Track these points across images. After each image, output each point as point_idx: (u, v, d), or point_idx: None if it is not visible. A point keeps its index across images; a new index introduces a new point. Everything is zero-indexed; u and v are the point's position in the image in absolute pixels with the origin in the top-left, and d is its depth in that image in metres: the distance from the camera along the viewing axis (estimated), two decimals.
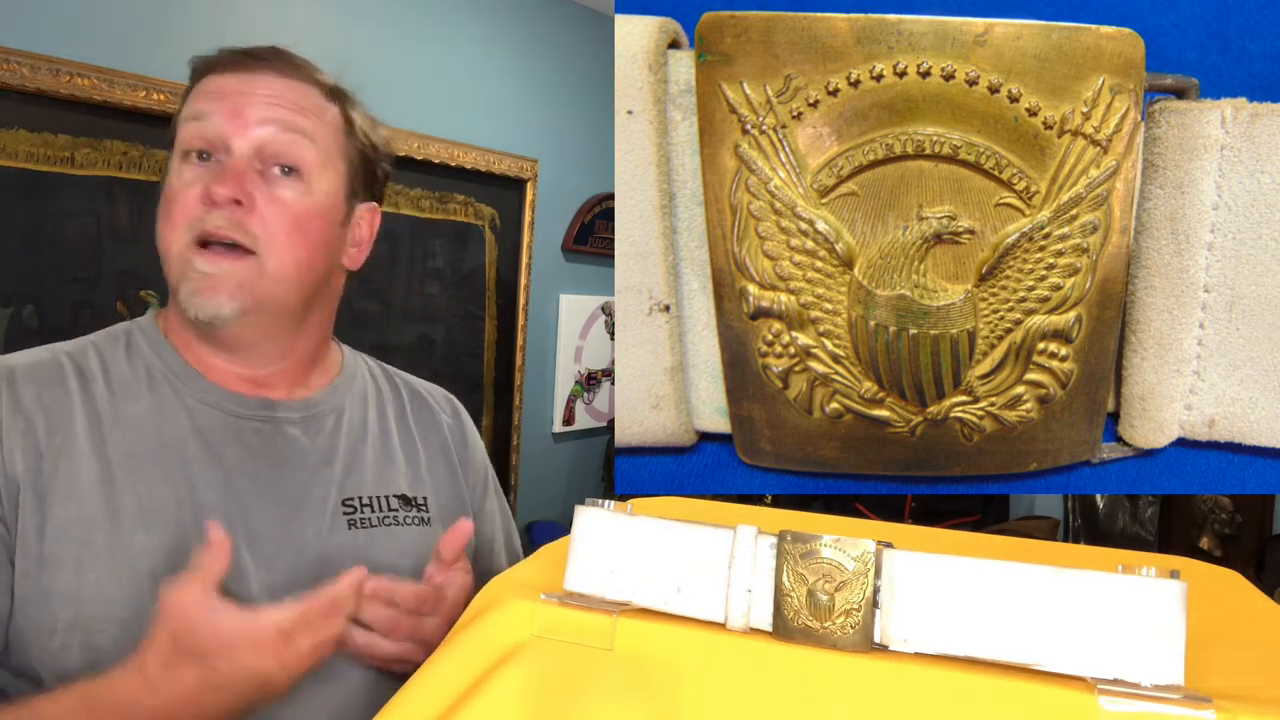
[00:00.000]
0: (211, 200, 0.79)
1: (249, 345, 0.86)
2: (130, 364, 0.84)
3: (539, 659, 0.55)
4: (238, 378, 0.87)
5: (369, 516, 0.88)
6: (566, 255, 2.88)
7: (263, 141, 0.81)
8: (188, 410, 0.83)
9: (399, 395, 1.00)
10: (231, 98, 0.82)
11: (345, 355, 0.98)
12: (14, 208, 1.66)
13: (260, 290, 0.82)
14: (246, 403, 0.86)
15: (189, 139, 0.82)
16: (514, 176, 2.64)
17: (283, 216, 0.82)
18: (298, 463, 0.86)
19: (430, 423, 1.00)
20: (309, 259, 0.85)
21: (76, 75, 1.69)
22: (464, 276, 2.56)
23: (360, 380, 0.97)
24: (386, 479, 0.91)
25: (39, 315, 1.70)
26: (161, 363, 0.85)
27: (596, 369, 3.00)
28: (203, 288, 0.80)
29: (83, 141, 1.73)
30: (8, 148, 1.64)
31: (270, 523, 0.83)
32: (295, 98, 0.84)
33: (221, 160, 0.81)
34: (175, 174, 0.82)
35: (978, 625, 0.48)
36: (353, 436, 0.92)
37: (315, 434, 0.89)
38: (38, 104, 1.66)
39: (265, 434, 0.86)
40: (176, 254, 0.81)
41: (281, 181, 0.83)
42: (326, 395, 0.92)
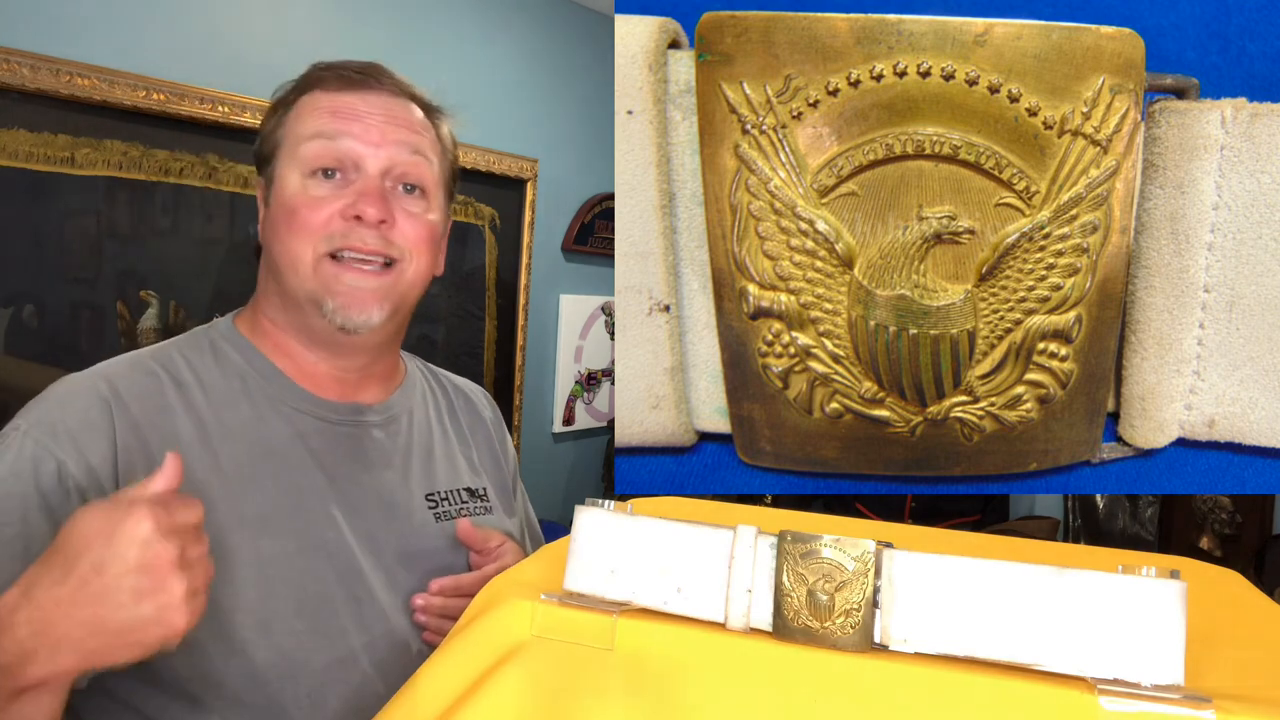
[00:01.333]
0: (359, 219, 0.82)
1: (367, 347, 0.89)
2: (222, 372, 0.86)
3: (539, 659, 0.55)
4: (331, 381, 0.90)
5: (449, 509, 0.93)
6: (566, 255, 2.88)
7: (392, 161, 0.85)
8: (286, 417, 0.86)
9: (448, 394, 1.05)
10: (359, 118, 0.85)
11: (406, 361, 1.02)
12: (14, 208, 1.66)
13: (400, 295, 0.87)
14: (338, 408, 0.89)
15: (317, 156, 0.84)
16: (514, 176, 2.64)
17: (419, 229, 0.87)
18: (385, 463, 0.91)
19: (476, 418, 1.05)
20: (434, 265, 0.92)
21: (76, 75, 1.69)
22: (464, 276, 2.56)
23: (419, 382, 1.02)
24: (454, 473, 0.97)
25: (39, 315, 1.70)
26: (254, 370, 0.87)
27: (596, 369, 3.00)
28: (353, 301, 0.83)
29: (83, 141, 1.73)
30: (8, 148, 1.64)
31: (376, 523, 0.87)
32: (411, 118, 0.89)
33: (351, 178, 0.84)
34: (298, 189, 0.84)
35: (978, 625, 0.48)
36: (422, 435, 0.96)
37: (395, 435, 0.93)
38: (38, 104, 1.66)
39: (356, 438, 0.89)
40: (310, 265, 0.83)
41: (408, 199, 0.87)
42: (399, 397, 0.96)
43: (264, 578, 0.78)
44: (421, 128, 0.90)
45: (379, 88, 0.87)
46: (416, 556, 0.88)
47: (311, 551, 0.82)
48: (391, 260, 0.85)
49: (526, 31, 2.67)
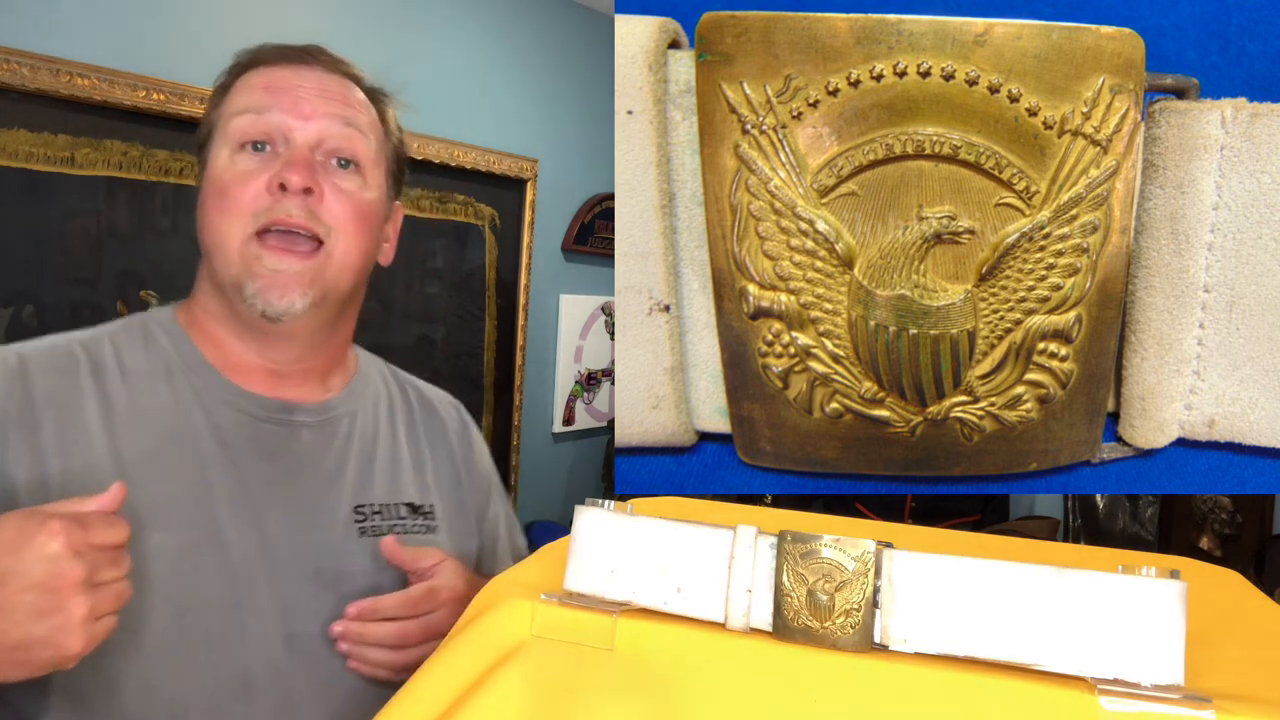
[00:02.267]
0: (283, 188, 0.79)
1: (296, 337, 0.85)
2: (148, 357, 0.83)
3: (539, 659, 0.55)
4: (261, 374, 0.86)
5: (379, 524, 0.87)
6: (566, 255, 2.88)
7: (323, 134, 0.82)
8: (205, 408, 0.82)
9: (409, 402, 1.00)
10: (289, 90, 0.82)
11: (360, 358, 0.98)
12: (14, 208, 1.66)
13: (328, 280, 0.82)
14: (265, 404, 0.85)
15: (245, 130, 0.81)
16: (514, 176, 2.64)
17: (348, 206, 0.83)
18: (312, 468, 0.85)
19: (438, 431, 1.00)
20: (368, 250, 0.87)
21: (76, 75, 1.69)
22: (464, 276, 2.56)
23: (374, 385, 0.97)
24: (396, 486, 0.91)
25: (39, 315, 1.70)
26: (180, 358, 0.84)
27: (596, 369, 3.00)
28: (273, 284, 0.79)
29: (83, 141, 1.73)
30: (8, 148, 1.64)
31: (286, 529, 0.81)
32: (346, 93, 0.86)
33: (280, 151, 0.81)
34: (226, 165, 0.81)
35: (978, 625, 0.48)
36: (365, 442, 0.91)
37: (329, 439, 0.88)
38: (38, 104, 1.66)
39: (281, 437, 0.85)
40: (236, 248, 0.79)
41: (341, 173, 0.83)
42: (342, 399, 0.91)
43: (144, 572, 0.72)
44: (359, 105, 0.86)
45: (315, 64, 0.85)
46: (329, 573, 0.82)
47: (203, 551, 0.76)
48: (318, 240, 0.81)
49: (526, 31, 2.67)
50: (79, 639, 0.60)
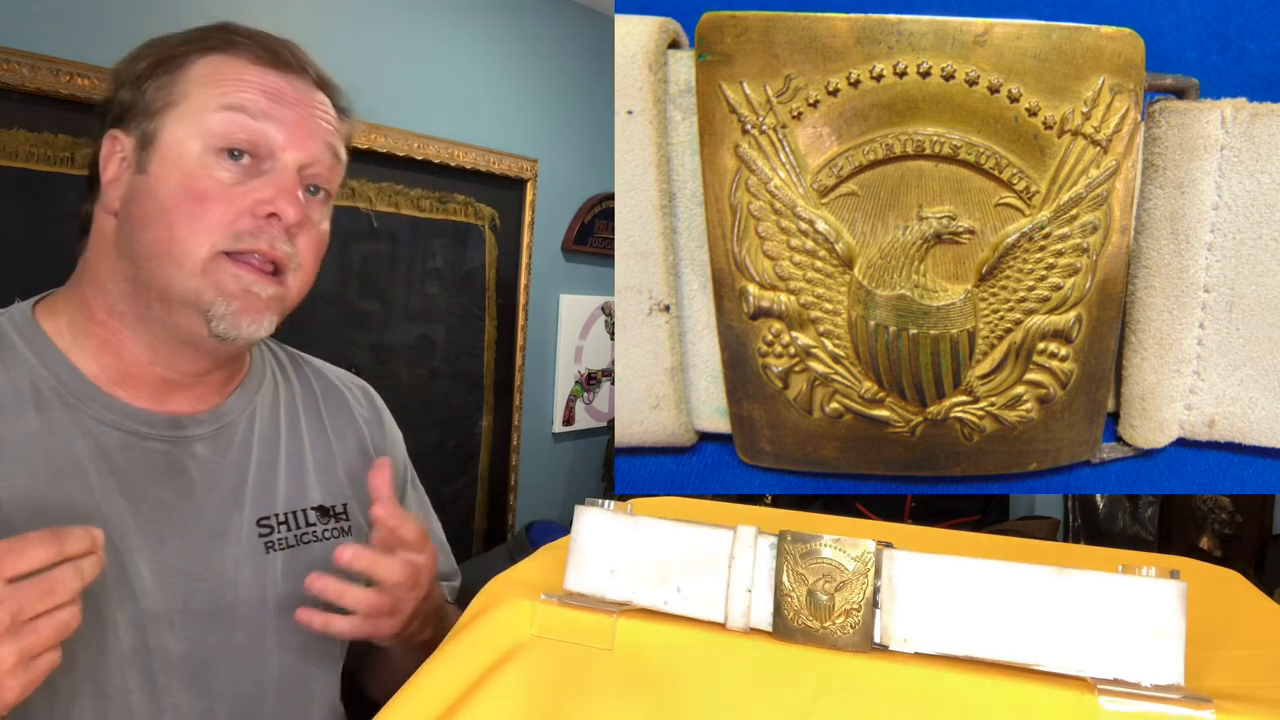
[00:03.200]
0: (272, 217, 0.72)
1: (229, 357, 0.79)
2: (8, 376, 0.72)
3: (539, 659, 0.55)
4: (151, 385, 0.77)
5: (285, 535, 0.81)
6: (566, 255, 2.88)
7: (314, 160, 0.76)
8: (84, 430, 0.73)
9: (310, 389, 0.91)
10: (292, 105, 0.75)
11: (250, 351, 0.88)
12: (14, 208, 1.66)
13: (285, 310, 0.77)
14: (152, 420, 0.76)
15: (231, 132, 0.72)
16: (514, 176, 2.64)
17: (314, 240, 0.78)
18: (210, 485, 0.78)
19: (345, 418, 0.91)
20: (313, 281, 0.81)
21: (76, 75, 1.69)
22: (464, 276, 2.56)
23: (268, 378, 0.88)
24: (300, 491, 0.84)
25: None
26: (49, 374, 0.73)
27: (596, 369, 3.00)
28: (248, 308, 0.73)
29: (83, 141, 1.72)
30: (8, 148, 1.64)
31: (185, 556, 0.75)
32: (331, 115, 0.79)
33: (263, 167, 0.74)
34: (197, 165, 0.72)
35: (978, 625, 0.48)
36: (264, 446, 0.83)
37: (225, 449, 0.80)
38: (38, 104, 1.66)
39: (173, 456, 0.76)
40: (202, 260, 0.71)
41: (312, 202, 0.77)
42: (235, 401, 0.82)
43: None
44: (338, 127, 0.80)
45: (303, 75, 0.77)
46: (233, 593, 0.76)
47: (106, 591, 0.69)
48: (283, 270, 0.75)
49: (527, 31, 2.67)
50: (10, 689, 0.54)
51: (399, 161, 2.30)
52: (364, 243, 2.29)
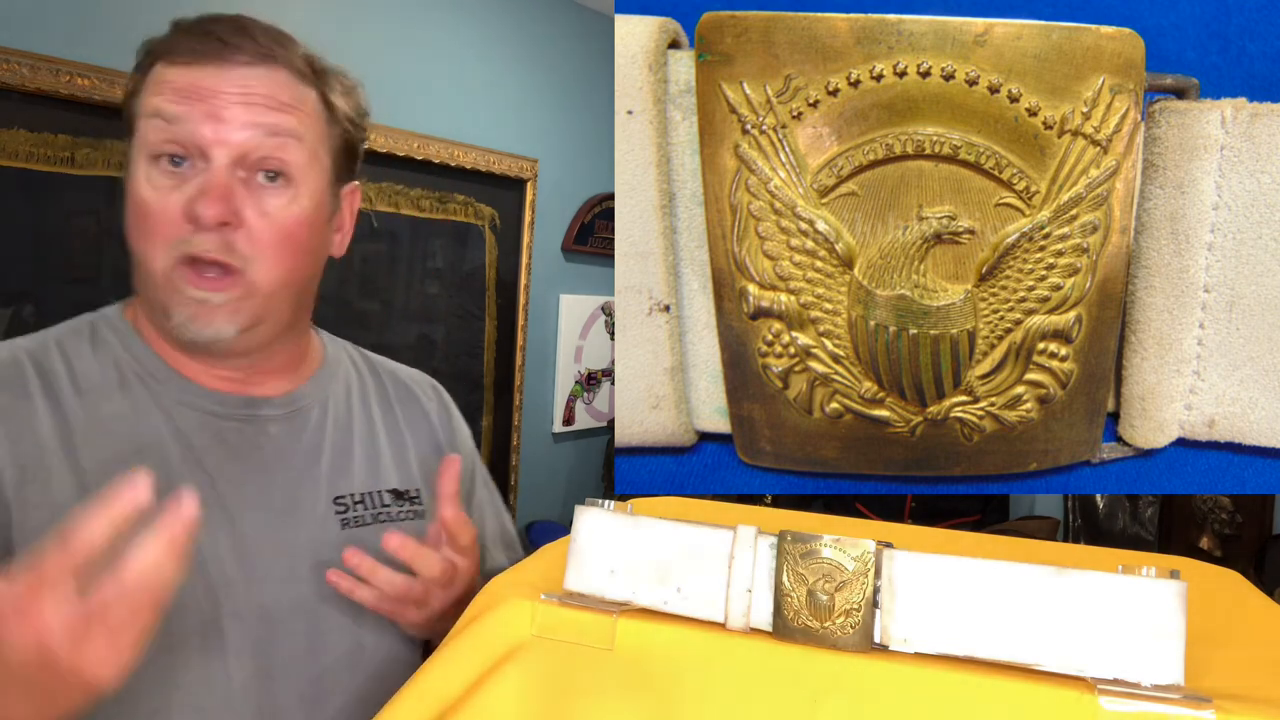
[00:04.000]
0: (197, 221, 0.72)
1: (242, 354, 0.81)
2: (98, 361, 0.78)
3: (539, 659, 0.55)
4: (219, 376, 0.81)
5: (362, 514, 0.84)
6: (566, 255, 2.88)
7: (246, 148, 0.74)
8: (164, 411, 0.77)
9: (383, 384, 0.95)
10: (205, 98, 0.73)
11: (327, 344, 0.93)
12: (14, 208, 1.66)
13: (255, 306, 0.77)
14: (227, 401, 0.80)
15: (157, 141, 0.73)
16: (514, 176, 2.64)
17: (271, 231, 0.75)
18: (284, 463, 0.82)
19: (417, 411, 0.95)
20: (297, 267, 0.79)
21: (76, 75, 1.69)
22: (464, 276, 2.56)
23: (343, 370, 0.92)
24: (376, 473, 0.87)
25: (39, 315, 1.70)
26: (133, 359, 0.78)
27: (596, 369, 3.00)
28: (199, 314, 0.74)
29: (83, 141, 1.73)
30: (8, 148, 1.64)
31: (261, 528, 0.78)
32: (274, 90, 0.76)
33: (199, 167, 0.73)
34: (143, 178, 0.74)
35: (978, 625, 0.48)
36: (338, 430, 0.87)
37: (300, 430, 0.84)
38: (38, 104, 1.66)
39: (247, 434, 0.80)
40: (160, 271, 0.74)
41: (268, 190, 0.76)
42: (309, 388, 0.86)
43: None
44: (290, 100, 0.76)
45: (235, 58, 0.74)
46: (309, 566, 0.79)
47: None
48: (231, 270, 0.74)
49: (526, 31, 2.67)
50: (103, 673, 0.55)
51: (399, 161, 2.30)
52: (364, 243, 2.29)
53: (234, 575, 0.76)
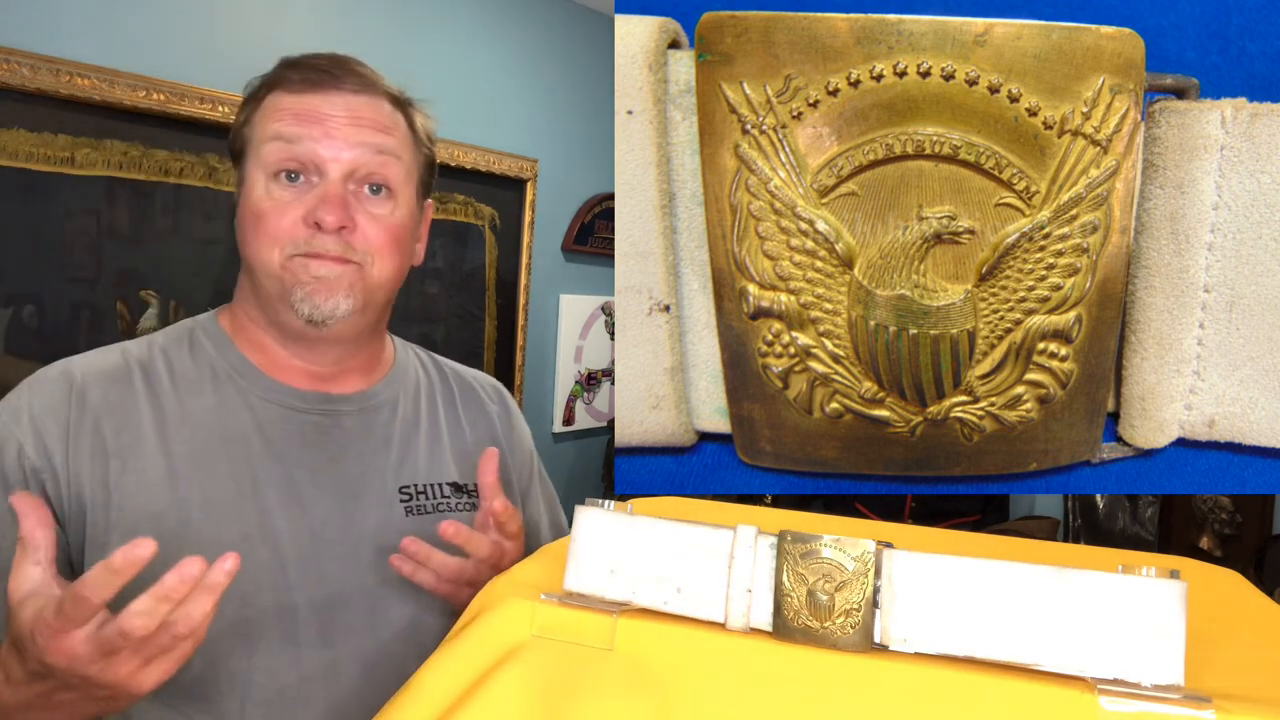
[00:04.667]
0: (319, 227, 0.82)
1: (338, 341, 0.89)
2: (195, 362, 0.87)
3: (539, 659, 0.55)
4: (303, 374, 0.90)
5: (424, 503, 0.91)
6: (566, 255, 2.88)
7: (356, 163, 0.84)
8: (249, 406, 0.86)
9: (448, 385, 1.04)
10: (321, 121, 0.84)
11: (397, 348, 1.02)
12: (14, 208, 1.66)
13: (367, 289, 0.86)
14: (306, 397, 0.89)
15: (278, 160, 0.83)
16: (514, 176, 2.64)
17: (381, 232, 0.86)
18: (355, 453, 0.89)
19: (479, 411, 1.04)
20: (402, 264, 0.91)
21: (76, 75, 1.69)
22: (464, 276, 2.56)
23: (412, 372, 1.01)
24: (438, 467, 0.95)
25: (39, 315, 1.70)
26: (224, 360, 0.88)
27: (596, 369, 3.00)
28: (319, 289, 0.83)
29: (83, 141, 1.73)
30: (8, 148, 1.64)
31: (331, 512, 0.85)
32: (376, 115, 0.87)
33: (314, 181, 0.84)
34: (263, 192, 0.84)
35: (978, 625, 0.48)
36: (405, 426, 0.95)
37: (371, 426, 0.92)
38: (38, 104, 1.66)
39: (323, 427, 0.89)
40: (277, 266, 0.83)
41: (373, 201, 0.86)
42: (382, 387, 0.95)
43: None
44: (389, 124, 0.88)
45: (343, 86, 0.86)
46: (376, 548, 0.86)
47: (255, 541, 0.81)
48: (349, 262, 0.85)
49: (526, 31, 2.67)
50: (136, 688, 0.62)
51: None
52: None
53: (307, 554, 0.83)
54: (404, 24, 2.32)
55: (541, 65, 2.72)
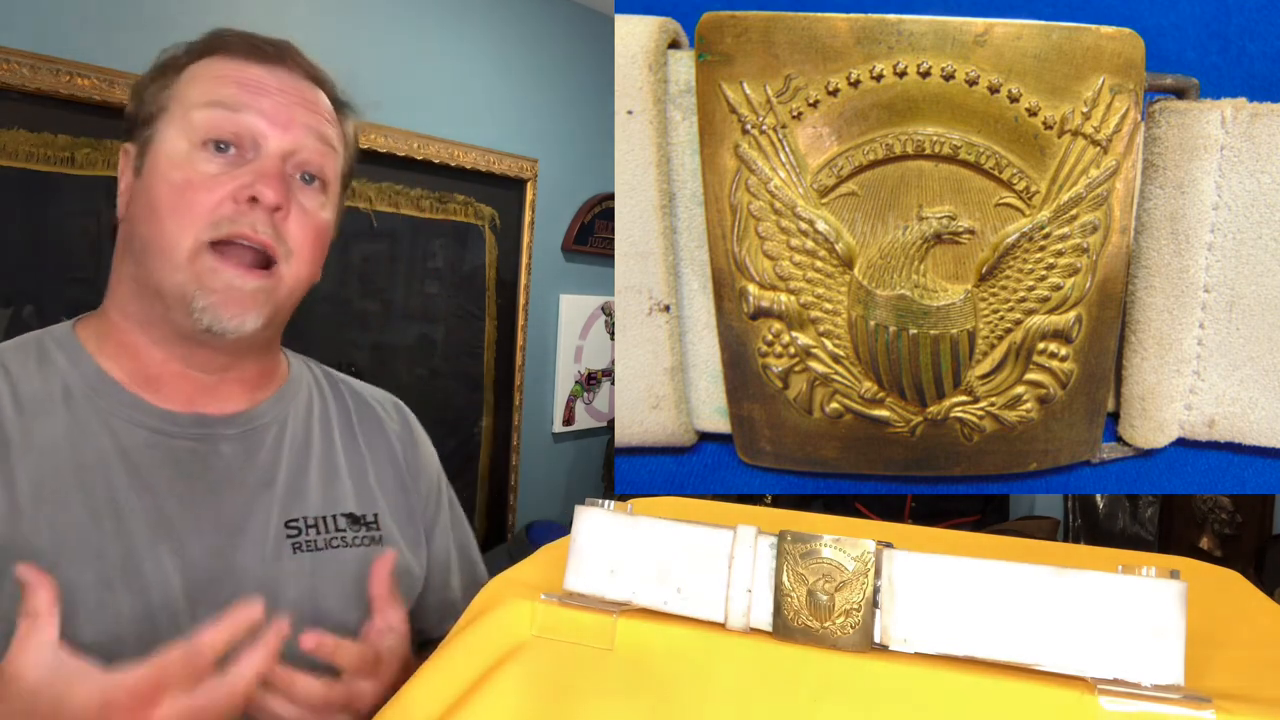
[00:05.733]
0: (253, 202, 0.74)
1: (233, 350, 0.80)
2: (43, 378, 0.75)
3: (539, 659, 0.55)
4: (179, 386, 0.79)
5: (314, 539, 0.81)
6: (566, 255, 2.88)
7: (297, 145, 0.78)
8: (110, 430, 0.75)
9: (344, 403, 0.93)
10: (266, 93, 0.77)
11: (292, 363, 0.91)
12: (14, 208, 1.66)
13: (278, 302, 0.78)
14: (178, 419, 0.78)
15: (214, 125, 0.75)
16: (514, 176, 2.64)
17: (307, 227, 0.79)
18: (235, 483, 0.79)
19: (378, 432, 0.93)
20: (314, 271, 0.82)
21: (76, 75, 1.69)
22: (464, 276, 2.56)
23: (305, 389, 0.90)
24: (332, 497, 0.85)
25: (39, 315, 1.70)
26: (80, 376, 0.76)
27: (596, 369, 3.00)
28: (228, 301, 0.74)
29: (83, 141, 1.73)
30: (8, 148, 1.64)
31: (207, 551, 0.75)
32: (321, 104, 0.81)
33: (247, 157, 0.76)
34: (184, 160, 0.74)
35: (978, 625, 0.48)
36: (295, 451, 0.84)
37: (254, 450, 0.81)
38: (38, 104, 1.66)
39: (199, 453, 0.78)
40: (186, 254, 0.73)
41: (306, 190, 0.79)
42: (269, 406, 0.84)
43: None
44: (329, 116, 0.82)
45: (291, 66, 0.80)
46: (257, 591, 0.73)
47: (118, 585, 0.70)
48: (272, 260, 0.76)
49: (527, 31, 2.67)
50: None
51: (399, 161, 2.30)
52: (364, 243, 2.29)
53: (178, 599, 0.73)
54: (404, 24, 2.32)
55: (541, 65, 2.72)
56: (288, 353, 0.92)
